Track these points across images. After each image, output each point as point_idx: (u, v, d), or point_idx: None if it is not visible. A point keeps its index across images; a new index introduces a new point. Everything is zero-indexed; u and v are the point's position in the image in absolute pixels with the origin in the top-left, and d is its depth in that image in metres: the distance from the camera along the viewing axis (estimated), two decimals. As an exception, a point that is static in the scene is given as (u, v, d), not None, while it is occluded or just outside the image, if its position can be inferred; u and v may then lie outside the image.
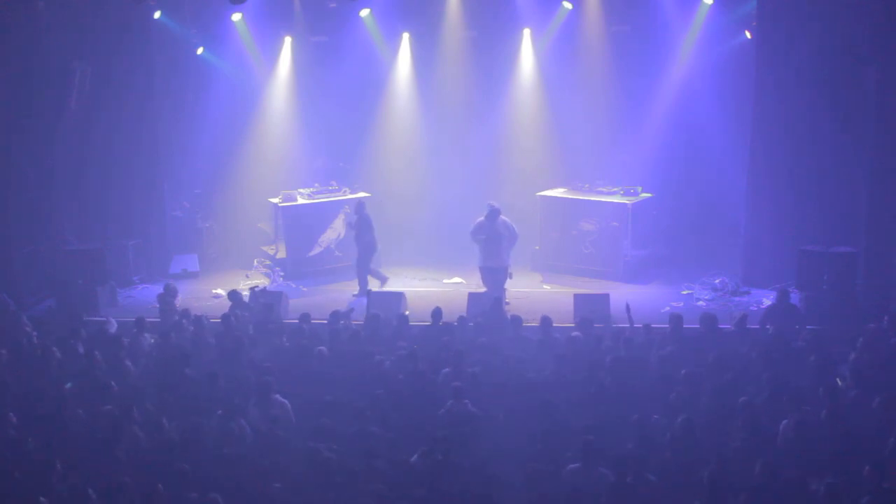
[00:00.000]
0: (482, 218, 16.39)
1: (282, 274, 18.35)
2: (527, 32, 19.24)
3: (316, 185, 19.20)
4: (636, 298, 16.68)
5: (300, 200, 18.76)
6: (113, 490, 9.27)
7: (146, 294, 17.77)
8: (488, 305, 14.73)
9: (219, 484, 9.37)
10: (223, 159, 19.51)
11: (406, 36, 19.51)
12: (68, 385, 12.04)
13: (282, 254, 18.59)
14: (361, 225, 17.38)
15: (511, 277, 16.49)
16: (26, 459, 9.82)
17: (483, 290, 16.30)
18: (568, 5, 18.68)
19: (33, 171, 17.30)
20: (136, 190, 18.51)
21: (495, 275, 16.38)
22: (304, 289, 17.79)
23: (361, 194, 19.15)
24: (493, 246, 16.34)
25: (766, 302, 15.86)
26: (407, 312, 14.79)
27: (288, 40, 19.45)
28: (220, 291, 16.97)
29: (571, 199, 18.57)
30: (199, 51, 19.12)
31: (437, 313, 13.83)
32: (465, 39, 19.37)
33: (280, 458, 9.94)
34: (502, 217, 16.46)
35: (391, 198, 19.58)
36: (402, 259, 18.96)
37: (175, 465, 9.65)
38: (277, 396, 11.26)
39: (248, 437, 10.62)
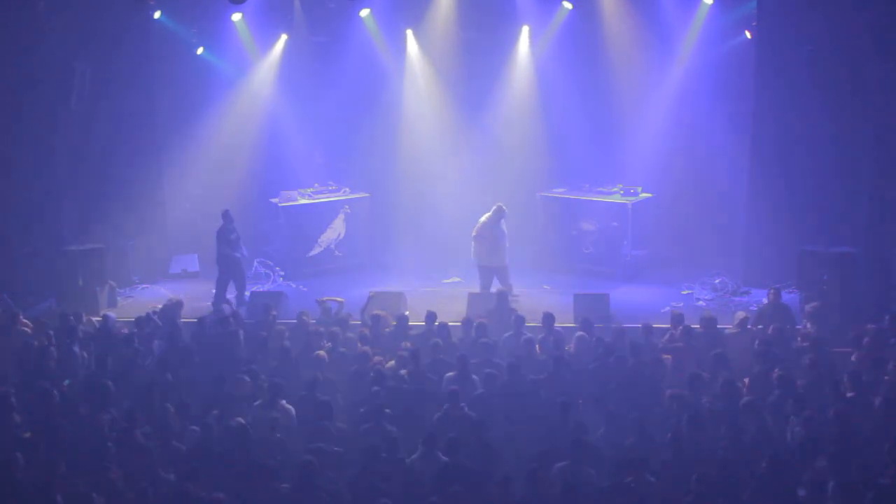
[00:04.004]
0: (489, 215, 16.45)
1: (282, 274, 18.36)
2: (527, 32, 19.22)
3: (316, 184, 19.22)
4: (636, 298, 16.77)
5: (300, 200, 18.78)
6: (113, 491, 9.28)
7: (146, 294, 17.79)
8: (494, 301, 14.73)
9: (224, 484, 9.37)
10: (223, 159, 19.48)
11: (409, 33, 19.45)
12: (66, 382, 12.05)
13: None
14: (232, 234, 16.83)
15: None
16: (30, 461, 9.79)
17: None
18: (568, 5, 18.68)
19: (33, 171, 17.29)
20: (136, 190, 18.49)
21: (496, 274, 16.48)
22: (304, 289, 17.79)
23: (361, 194, 19.20)
24: (495, 245, 16.37)
25: (766, 302, 15.85)
26: (407, 313, 14.79)
27: (283, 38, 19.38)
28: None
29: (571, 199, 18.60)
30: (199, 51, 19.11)
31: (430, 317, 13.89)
32: (464, 39, 19.35)
33: (284, 459, 9.95)
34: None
35: (390, 197, 19.58)
36: (401, 258, 18.96)
37: (181, 464, 9.67)
38: (283, 402, 11.24)
39: (250, 437, 10.60)
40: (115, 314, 15.03)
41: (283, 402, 11.22)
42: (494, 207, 16.72)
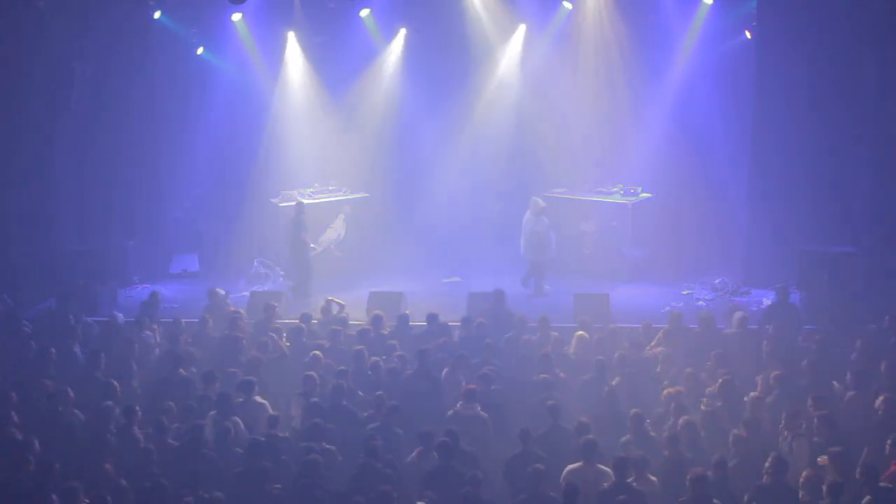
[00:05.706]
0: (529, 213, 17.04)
1: (282, 274, 18.35)
2: (523, 31, 19.22)
3: (316, 184, 19.22)
4: (636, 298, 16.77)
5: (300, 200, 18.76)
6: (112, 491, 9.28)
7: (146, 294, 17.75)
8: (491, 300, 14.78)
9: (218, 484, 9.38)
10: (223, 159, 19.48)
11: (403, 32, 19.45)
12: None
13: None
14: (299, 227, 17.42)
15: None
16: (27, 460, 9.79)
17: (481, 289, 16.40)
18: (568, 5, 18.69)
19: (33, 171, 17.31)
20: (136, 190, 18.52)
21: (539, 268, 17.03)
22: (304, 289, 17.78)
23: (361, 194, 19.19)
24: (537, 240, 16.90)
25: (767, 302, 15.87)
26: (408, 312, 14.79)
27: (291, 35, 19.34)
28: (220, 291, 16.93)
29: (571, 199, 18.61)
30: (199, 51, 19.10)
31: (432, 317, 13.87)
32: (464, 39, 19.33)
33: (275, 459, 9.95)
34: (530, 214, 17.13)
35: (390, 197, 19.57)
36: (401, 258, 18.94)
37: (176, 465, 9.66)
38: (257, 398, 11.25)
39: (243, 437, 10.60)
40: (122, 315, 14.99)
41: (257, 397, 11.25)
42: (531, 202, 17.12)
